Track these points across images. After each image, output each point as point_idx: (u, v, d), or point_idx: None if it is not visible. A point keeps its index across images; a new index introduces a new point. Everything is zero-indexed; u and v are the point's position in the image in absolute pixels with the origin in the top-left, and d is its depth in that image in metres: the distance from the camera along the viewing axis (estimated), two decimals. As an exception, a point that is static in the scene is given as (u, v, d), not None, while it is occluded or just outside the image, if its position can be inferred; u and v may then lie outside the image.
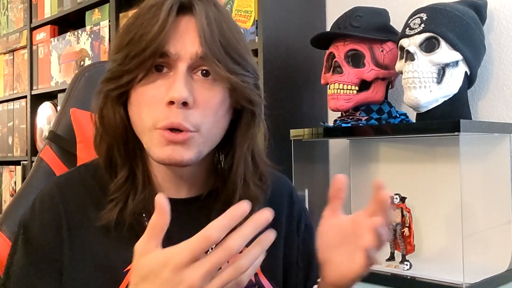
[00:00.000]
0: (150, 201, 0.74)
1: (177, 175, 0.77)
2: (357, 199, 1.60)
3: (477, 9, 1.33)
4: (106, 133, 0.75)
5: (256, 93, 0.75)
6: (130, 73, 0.70)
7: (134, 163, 0.76)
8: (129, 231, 0.74)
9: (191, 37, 0.70)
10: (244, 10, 1.61)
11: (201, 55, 0.69)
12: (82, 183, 0.79)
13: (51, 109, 2.50)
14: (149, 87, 0.70)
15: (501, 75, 1.40)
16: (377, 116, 1.43)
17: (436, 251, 1.41)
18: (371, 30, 1.40)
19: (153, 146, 0.71)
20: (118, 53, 0.72)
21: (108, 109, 0.74)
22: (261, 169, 0.80)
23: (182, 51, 0.69)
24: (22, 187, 1.06)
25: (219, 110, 0.72)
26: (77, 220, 0.76)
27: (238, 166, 0.76)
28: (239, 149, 0.76)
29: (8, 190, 2.78)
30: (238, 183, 0.76)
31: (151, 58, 0.69)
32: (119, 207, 0.73)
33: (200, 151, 0.72)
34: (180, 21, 0.70)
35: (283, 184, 0.90)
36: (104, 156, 0.76)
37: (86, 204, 0.77)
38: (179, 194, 0.79)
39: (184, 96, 0.67)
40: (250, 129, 0.77)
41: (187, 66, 0.69)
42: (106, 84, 0.73)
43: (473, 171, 1.33)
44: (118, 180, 0.75)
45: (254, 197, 0.77)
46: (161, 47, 0.68)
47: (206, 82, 0.71)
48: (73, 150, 1.06)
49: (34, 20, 2.62)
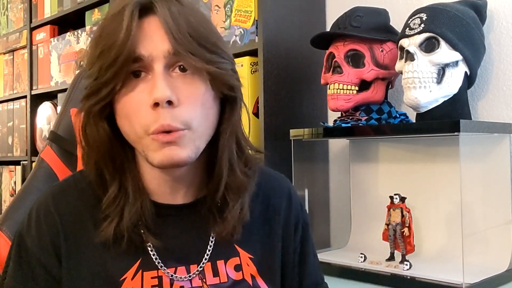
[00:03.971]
0: (145, 210, 0.74)
1: (174, 178, 0.77)
2: (357, 199, 1.60)
3: (477, 9, 1.33)
4: (92, 150, 0.75)
5: (235, 77, 0.75)
6: (108, 84, 0.69)
7: (123, 177, 0.75)
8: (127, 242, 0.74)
9: (159, 36, 0.69)
10: (244, 10, 1.61)
11: (173, 52, 0.69)
12: (78, 192, 0.79)
13: (51, 109, 2.50)
14: (131, 95, 0.70)
15: (501, 75, 1.40)
16: (377, 116, 1.43)
17: (436, 251, 1.41)
18: (371, 30, 1.40)
19: (149, 152, 0.70)
20: (92, 68, 0.71)
21: (91, 126, 0.73)
22: (246, 155, 0.80)
23: (154, 51, 0.69)
24: (23, 187, 1.06)
25: (205, 102, 0.72)
26: (74, 230, 0.76)
27: (222, 153, 0.76)
28: (222, 137, 0.76)
29: (8, 190, 2.78)
30: (223, 170, 0.75)
31: (125, 65, 0.68)
32: (115, 223, 0.73)
33: (196, 146, 0.71)
34: (144, 23, 0.70)
35: (282, 184, 0.89)
36: (94, 173, 0.76)
37: (82, 215, 0.77)
38: (175, 199, 0.79)
39: (167, 95, 0.67)
40: (233, 114, 0.76)
41: (163, 65, 0.69)
42: (86, 100, 0.73)
43: (473, 171, 1.33)
44: (110, 195, 0.74)
45: (241, 185, 0.77)
46: (133, 52, 0.68)
47: (185, 77, 0.71)
48: (74, 150, 1.06)
49: (34, 20, 2.62)
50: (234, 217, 0.77)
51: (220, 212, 0.77)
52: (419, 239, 1.39)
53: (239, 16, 1.63)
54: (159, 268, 0.75)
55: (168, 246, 0.77)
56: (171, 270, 0.76)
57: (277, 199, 0.86)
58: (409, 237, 1.33)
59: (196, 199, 0.80)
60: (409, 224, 1.33)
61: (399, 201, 1.34)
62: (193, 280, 0.76)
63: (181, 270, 0.76)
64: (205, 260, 0.78)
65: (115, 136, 0.74)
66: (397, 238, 1.33)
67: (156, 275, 0.75)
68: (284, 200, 0.87)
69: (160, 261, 0.76)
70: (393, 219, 1.34)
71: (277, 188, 0.88)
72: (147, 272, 0.75)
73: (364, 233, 1.56)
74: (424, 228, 1.43)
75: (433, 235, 1.42)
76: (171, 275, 0.75)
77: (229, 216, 0.77)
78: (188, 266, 0.77)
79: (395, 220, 1.34)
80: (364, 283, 1.32)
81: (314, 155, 1.72)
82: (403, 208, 1.34)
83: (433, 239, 1.42)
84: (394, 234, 1.34)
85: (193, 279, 0.76)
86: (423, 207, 1.43)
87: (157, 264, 0.75)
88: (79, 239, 0.75)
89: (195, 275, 0.76)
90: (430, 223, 1.43)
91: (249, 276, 0.79)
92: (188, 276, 0.76)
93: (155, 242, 0.75)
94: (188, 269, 0.77)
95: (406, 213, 1.33)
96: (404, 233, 1.33)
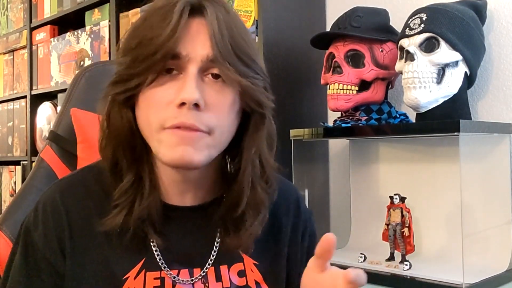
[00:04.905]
0: (154, 208, 0.74)
1: (184, 179, 0.76)
2: (357, 199, 1.60)
3: (477, 9, 1.33)
4: (112, 136, 0.74)
5: (265, 95, 0.74)
6: (140, 76, 0.69)
7: (141, 167, 0.74)
8: (131, 238, 0.73)
9: (202, 39, 0.69)
10: (244, 10, 1.61)
11: (211, 58, 0.69)
12: (85, 188, 0.78)
13: (51, 109, 2.50)
14: (158, 89, 0.69)
15: (501, 75, 1.40)
16: (377, 116, 1.43)
17: (436, 251, 1.41)
18: (371, 30, 1.40)
19: (162, 148, 0.69)
20: (125, 56, 0.71)
21: (115, 113, 0.73)
22: (268, 173, 0.79)
23: (193, 53, 0.69)
24: (23, 187, 1.06)
25: (230, 113, 0.72)
26: (80, 227, 0.75)
27: (245, 169, 0.75)
28: (246, 152, 0.75)
29: (8, 190, 2.78)
30: (245, 187, 0.75)
31: (162, 60, 0.68)
32: (124, 213, 0.72)
33: (210, 154, 0.71)
34: (191, 23, 0.70)
35: (291, 192, 0.89)
36: (110, 160, 0.75)
37: (89, 210, 0.76)
38: (184, 201, 0.78)
39: (196, 98, 0.67)
40: (259, 132, 0.76)
41: (198, 68, 0.69)
42: (113, 87, 0.72)
43: (473, 171, 1.33)
44: (124, 185, 0.73)
45: (260, 201, 0.77)
46: (172, 49, 0.68)
47: (216, 85, 0.70)
48: (74, 150, 1.06)
49: (34, 20, 2.62)
50: (252, 233, 0.76)
51: (235, 226, 0.77)
52: (419, 239, 1.39)
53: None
54: (162, 269, 0.75)
55: (172, 247, 0.76)
56: (174, 272, 0.75)
57: (285, 207, 0.86)
58: (409, 237, 1.32)
59: (204, 202, 0.79)
60: (409, 224, 1.33)
61: (399, 201, 1.34)
62: (195, 283, 0.76)
63: (184, 273, 0.76)
64: (209, 265, 0.77)
65: (137, 127, 0.74)
66: (397, 238, 1.33)
67: (158, 276, 0.75)
68: (292, 208, 0.86)
69: (164, 262, 0.75)
70: (393, 219, 1.34)
71: (285, 196, 0.87)
72: (150, 273, 0.74)
73: (364, 233, 1.56)
74: (424, 228, 1.43)
75: (433, 235, 1.42)
76: (173, 277, 0.75)
77: (245, 233, 0.76)
78: (192, 269, 0.76)
79: (395, 220, 1.34)
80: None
81: (314, 155, 1.72)
82: (403, 208, 1.34)
83: (433, 239, 1.42)
84: (394, 234, 1.34)
85: (195, 282, 0.76)
86: (423, 207, 1.43)
87: (160, 265, 0.75)
88: (84, 235, 0.75)
89: (197, 279, 0.76)
90: (430, 223, 1.43)
91: (253, 282, 0.79)
92: (190, 279, 0.76)
93: (160, 242, 0.75)
94: (191, 272, 0.76)
95: (406, 213, 1.33)
96: (404, 233, 1.33)
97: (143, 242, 0.75)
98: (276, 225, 0.84)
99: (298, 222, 0.86)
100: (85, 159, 1.00)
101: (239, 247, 0.77)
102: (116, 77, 0.72)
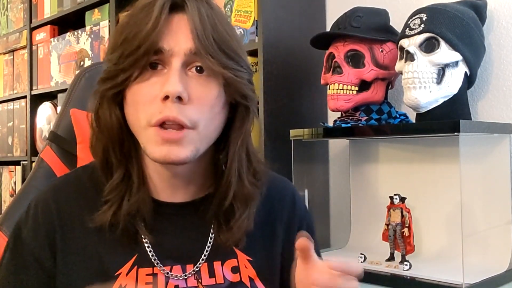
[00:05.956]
0: (144, 203, 0.75)
1: (174, 175, 0.77)
2: (357, 199, 1.60)
3: (477, 9, 1.33)
4: (102, 133, 0.75)
5: (250, 88, 0.76)
6: (125, 71, 0.71)
7: (130, 164, 0.76)
8: (122, 234, 0.74)
9: (184, 33, 0.71)
10: (244, 10, 1.61)
11: (194, 51, 0.70)
12: (78, 185, 0.79)
13: (51, 109, 2.50)
14: (143, 85, 0.71)
15: (501, 75, 1.40)
16: (377, 116, 1.43)
17: (435, 251, 1.41)
18: (371, 31, 1.40)
19: (148, 145, 0.71)
20: (113, 53, 0.72)
21: (104, 109, 0.75)
22: (255, 166, 0.80)
23: (176, 47, 0.70)
24: (23, 188, 1.06)
25: (215, 106, 0.72)
26: (71, 223, 0.76)
27: (232, 162, 0.76)
28: (233, 146, 0.76)
29: (8, 190, 2.78)
30: (232, 180, 0.76)
31: (145, 55, 0.69)
32: (113, 209, 0.73)
33: (197, 148, 0.72)
34: (172, 18, 0.71)
35: (286, 187, 0.89)
36: (100, 156, 0.76)
37: (80, 206, 0.77)
38: (175, 197, 0.79)
39: (179, 90, 0.68)
40: (244, 125, 0.77)
41: (181, 62, 0.70)
42: (102, 84, 0.74)
43: (473, 171, 1.33)
44: (114, 180, 0.75)
45: (248, 195, 0.77)
46: (155, 44, 0.69)
47: (200, 78, 0.72)
48: (74, 150, 1.06)
49: (34, 20, 2.62)
50: (240, 227, 0.77)
51: (226, 220, 0.77)
52: (419, 239, 1.39)
53: (239, 16, 1.63)
54: (155, 266, 0.75)
55: (165, 243, 0.77)
56: (166, 268, 0.76)
57: (280, 203, 0.86)
58: (409, 237, 1.33)
59: (196, 198, 0.80)
60: (409, 224, 1.33)
61: (399, 201, 1.34)
62: (188, 279, 0.76)
63: (177, 269, 0.76)
64: (202, 261, 0.78)
65: (126, 124, 0.75)
66: (397, 238, 1.33)
67: (151, 272, 0.75)
68: (287, 204, 0.87)
69: (156, 258, 0.76)
70: (393, 219, 1.34)
71: (281, 192, 0.87)
72: (142, 269, 0.75)
73: (364, 233, 1.56)
74: (424, 228, 1.43)
75: (433, 235, 1.42)
76: (166, 273, 0.75)
77: (235, 226, 0.77)
78: (184, 265, 0.77)
79: (395, 220, 1.34)
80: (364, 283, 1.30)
81: (314, 155, 1.72)
82: (403, 208, 1.34)
83: (433, 239, 1.42)
84: (394, 234, 1.34)
85: (188, 278, 0.76)
86: (423, 207, 1.43)
87: (153, 261, 0.75)
88: (76, 232, 0.76)
89: (190, 275, 0.77)
90: (430, 223, 1.43)
91: (247, 278, 0.79)
92: (183, 275, 0.76)
93: (151, 238, 0.75)
94: (184, 268, 0.77)
95: (406, 213, 1.33)
96: (404, 233, 1.33)
97: (135, 239, 0.75)
98: (270, 221, 0.84)
99: (293, 218, 0.86)
100: (85, 159, 1.00)
101: (229, 240, 0.77)
102: (105, 73, 0.74)
